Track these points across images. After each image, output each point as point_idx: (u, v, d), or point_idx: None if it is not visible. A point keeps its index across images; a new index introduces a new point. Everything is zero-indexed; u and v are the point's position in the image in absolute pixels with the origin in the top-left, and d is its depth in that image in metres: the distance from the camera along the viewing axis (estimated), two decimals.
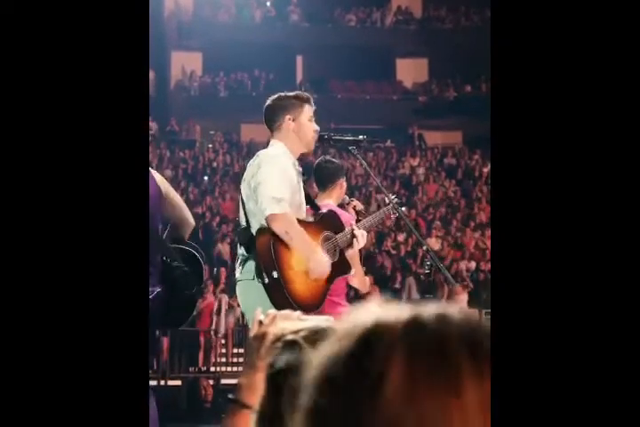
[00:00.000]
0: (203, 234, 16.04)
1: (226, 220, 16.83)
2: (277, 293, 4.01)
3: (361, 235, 4.41)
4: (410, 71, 26.01)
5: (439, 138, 24.56)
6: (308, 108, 4.31)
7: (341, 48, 24.60)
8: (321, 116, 4.38)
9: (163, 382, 11.43)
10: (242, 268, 4.14)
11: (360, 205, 5.13)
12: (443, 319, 0.85)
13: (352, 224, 4.51)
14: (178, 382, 11.58)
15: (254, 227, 4.11)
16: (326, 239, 4.33)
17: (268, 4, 25.54)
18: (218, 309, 12.82)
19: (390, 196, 4.88)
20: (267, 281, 4.01)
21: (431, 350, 0.83)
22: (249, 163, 4.25)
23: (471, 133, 23.03)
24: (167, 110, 23.19)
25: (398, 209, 4.66)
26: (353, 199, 5.26)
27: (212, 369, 12.27)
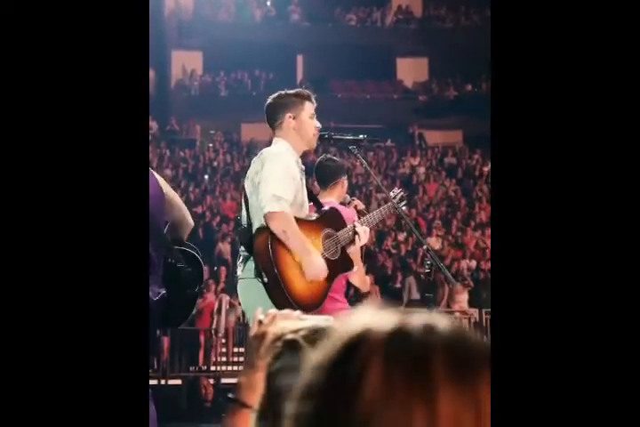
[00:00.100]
0: (203, 233, 16.04)
1: (226, 219, 16.82)
2: (278, 292, 4.00)
3: (363, 231, 4.38)
4: (410, 70, 26.01)
5: (439, 137, 24.55)
6: (309, 105, 4.29)
7: (342, 47, 24.60)
8: (321, 115, 4.36)
9: (163, 381, 11.43)
10: (243, 266, 4.12)
11: (361, 205, 5.12)
12: (429, 330, 0.86)
13: (354, 220, 4.49)
14: (178, 381, 11.57)
15: (256, 225, 4.09)
16: (328, 236, 4.30)
17: (269, 4, 25.55)
18: (218, 308, 12.81)
19: (395, 190, 4.86)
20: (266, 280, 3.99)
21: (410, 359, 0.83)
22: (253, 160, 4.22)
23: (471, 133, 23.02)
24: (167, 110, 23.19)
25: (399, 208, 4.65)
26: (354, 198, 5.24)
27: (213, 368, 12.26)
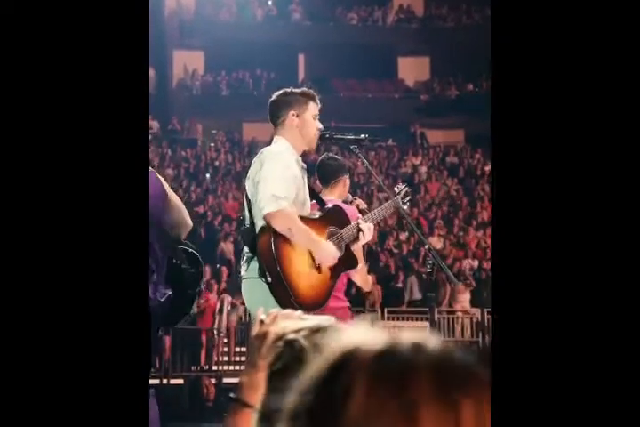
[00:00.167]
0: (205, 233, 16.05)
1: (228, 219, 16.82)
2: (281, 291, 3.99)
3: (367, 228, 4.36)
4: (412, 69, 26.02)
5: (441, 136, 24.56)
6: (313, 105, 4.28)
7: (343, 47, 24.60)
8: (323, 114, 4.35)
9: (165, 380, 11.43)
10: (247, 266, 4.11)
11: (363, 204, 5.11)
12: (417, 349, 0.86)
13: (358, 218, 4.48)
14: (180, 380, 11.58)
15: (258, 225, 4.07)
16: (331, 234, 4.28)
17: (270, 3, 25.55)
18: (220, 307, 12.82)
19: (400, 185, 4.86)
20: (270, 280, 3.98)
21: (395, 377, 0.83)
22: (253, 160, 4.22)
23: (473, 132, 23.02)
24: (169, 109, 23.21)
25: (404, 204, 4.65)
26: (356, 198, 5.24)
27: (215, 368, 12.27)
